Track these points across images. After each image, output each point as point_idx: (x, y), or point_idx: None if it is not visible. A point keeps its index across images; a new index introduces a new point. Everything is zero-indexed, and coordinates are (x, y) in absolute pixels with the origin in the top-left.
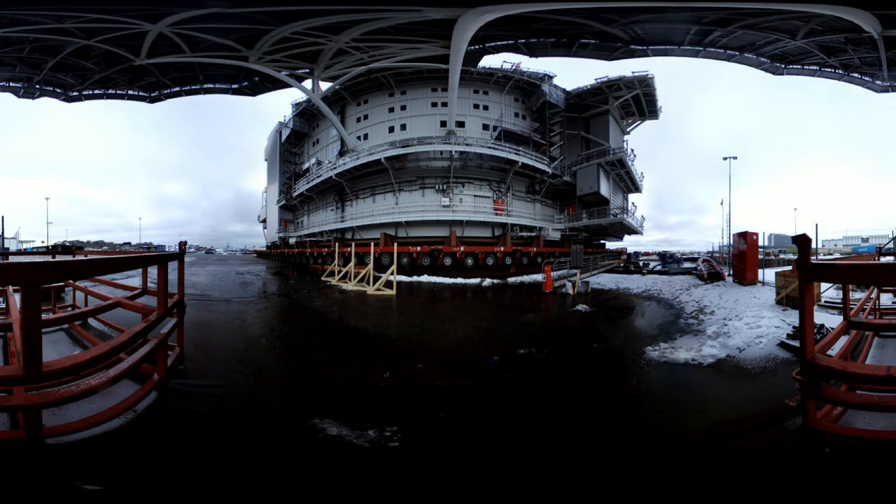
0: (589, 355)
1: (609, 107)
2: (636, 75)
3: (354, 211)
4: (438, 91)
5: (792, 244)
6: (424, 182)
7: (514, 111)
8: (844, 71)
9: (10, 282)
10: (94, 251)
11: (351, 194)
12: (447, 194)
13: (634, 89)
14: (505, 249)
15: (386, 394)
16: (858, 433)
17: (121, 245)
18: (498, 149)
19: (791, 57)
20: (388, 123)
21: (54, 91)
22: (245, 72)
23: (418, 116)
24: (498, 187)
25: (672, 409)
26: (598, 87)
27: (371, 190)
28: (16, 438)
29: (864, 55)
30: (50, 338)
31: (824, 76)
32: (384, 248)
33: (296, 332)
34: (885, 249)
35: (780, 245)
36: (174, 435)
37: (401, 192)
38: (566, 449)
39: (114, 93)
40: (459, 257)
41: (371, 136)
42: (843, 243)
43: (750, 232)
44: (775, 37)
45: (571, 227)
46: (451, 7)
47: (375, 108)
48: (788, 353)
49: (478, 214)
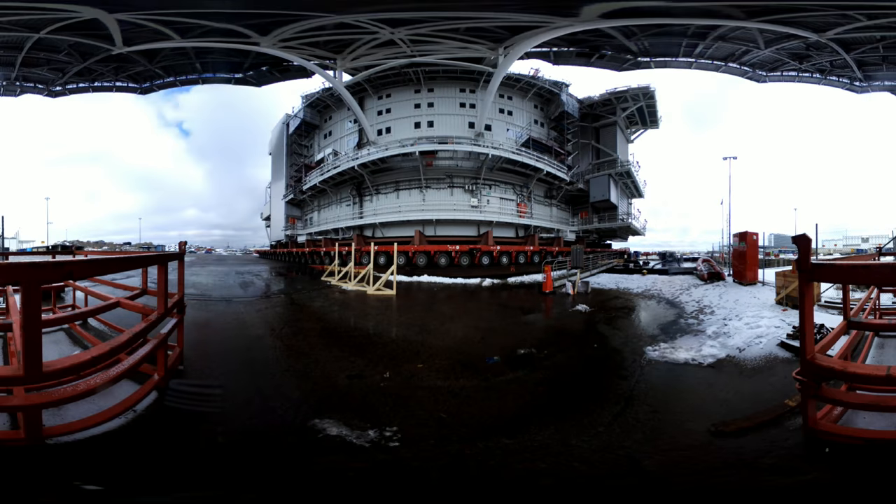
0: (589, 355)
1: (617, 118)
2: (640, 87)
3: (376, 206)
4: (466, 92)
5: (792, 244)
6: (453, 181)
7: (534, 118)
8: (821, 75)
9: (10, 282)
10: (94, 251)
11: (372, 188)
12: (476, 195)
13: (639, 101)
14: (534, 249)
15: (386, 394)
16: (858, 433)
17: (121, 245)
18: (525, 155)
19: (769, 65)
20: (414, 119)
21: (36, 87)
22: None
23: (446, 115)
24: (521, 191)
25: (672, 409)
26: (608, 99)
27: (395, 185)
28: (16, 438)
29: (831, 59)
30: (50, 338)
31: (803, 81)
32: (419, 246)
33: (295, 333)
34: (885, 249)
35: (781, 245)
36: (174, 435)
37: (428, 190)
38: (566, 449)
39: (100, 85)
40: (496, 256)
41: (394, 130)
42: (843, 243)
43: (750, 232)
44: (745, 47)
45: (584, 230)
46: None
47: (399, 102)
48: (788, 352)
49: (504, 216)
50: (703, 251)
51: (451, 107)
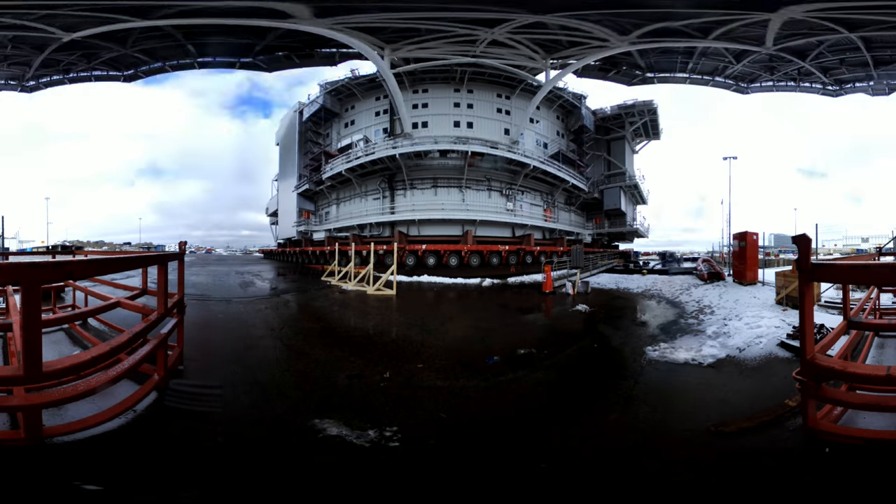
0: (589, 355)
1: (625, 132)
2: (645, 103)
3: (413, 202)
4: (502, 98)
5: (792, 244)
6: (491, 185)
7: (557, 129)
8: (795, 83)
9: (10, 282)
10: (94, 251)
11: (407, 182)
12: (511, 199)
13: (644, 116)
14: (564, 249)
15: (386, 394)
16: (858, 433)
17: (121, 245)
18: (556, 167)
19: (748, 76)
20: (453, 118)
21: (7, 83)
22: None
23: (485, 119)
24: (547, 198)
25: (672, 409)
26: (619, 113)
27: (433, 181)
28: (16, 438)
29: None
30: (50, 338)
31: (781, 90)
32: (471, 246)
33: (295, 333)
34: (885, 249)
35: (781, 245)
36: (174, 435)
37: (467, 190)
38: (566, 449)
39: (75, 76)
40: (536, 255)
41: (431, 126)
42: (843, 243)
43: (750, 232)
44: (724, 63)
45: (598, 233)
46: None
47: (437, 99)
48: (788, 352)
49: (534, 220)
50: (702, 251)
51: (489, 111)
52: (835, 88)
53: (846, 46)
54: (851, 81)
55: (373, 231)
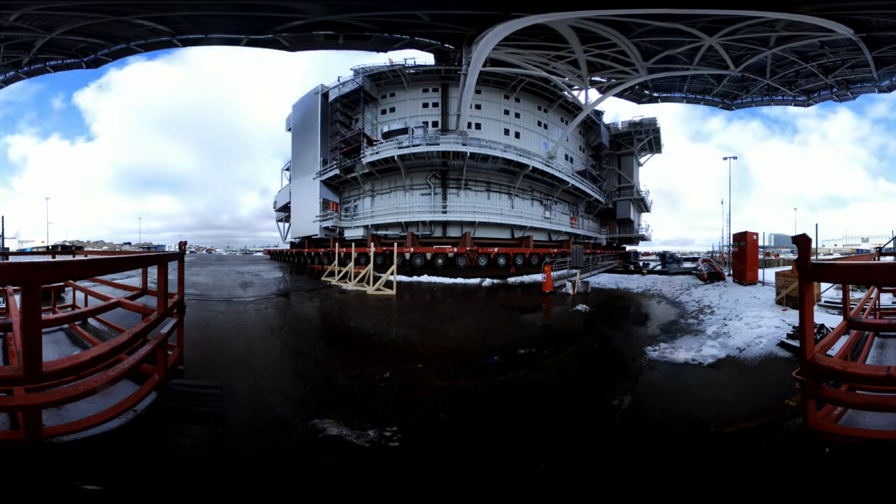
0: (589, 355)
1: (633, 148)
2: (650, 121)
3: (466, 203)
4: (541, 111)
5: (792, 244)
6: (534, 194)
7: (579, 144)
8: (769, 97)
9: (10, 282)
10: (94, 251)
11: (463, 181)
12: (549, 209)
13: (650, 134)
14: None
15: (386, 394)
16: (858, 433)
17: (121, 245)
18: (581, 181)
19: (732, 94)
20: (503, 125)
21: None
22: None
23: (528, 131)
24: (573, 208)
25: (672, 409)
26: (628, 131)
27: (486, 185)
28: (16, 439)
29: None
30: (50, 338)
31: (759, 104)
32: (532, 249)
33: (295, 332)
34: (885, 249)
35: (781, 245)
36: (174, 435)
37: (515, 197)
38: (567, 449)
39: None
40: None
41: (484, 129)
42: (843, 243)
43: (750, 232)
44: (708, 84)
45: (611, 237)
46: None
47: (489, 103)
48: (788, 352)
49: (562, 226)
50: (702, 251)
51: (531, 122)
52: (803, 99)
53: (785, 61)
54: (816, 91)
55: (423, 230)
